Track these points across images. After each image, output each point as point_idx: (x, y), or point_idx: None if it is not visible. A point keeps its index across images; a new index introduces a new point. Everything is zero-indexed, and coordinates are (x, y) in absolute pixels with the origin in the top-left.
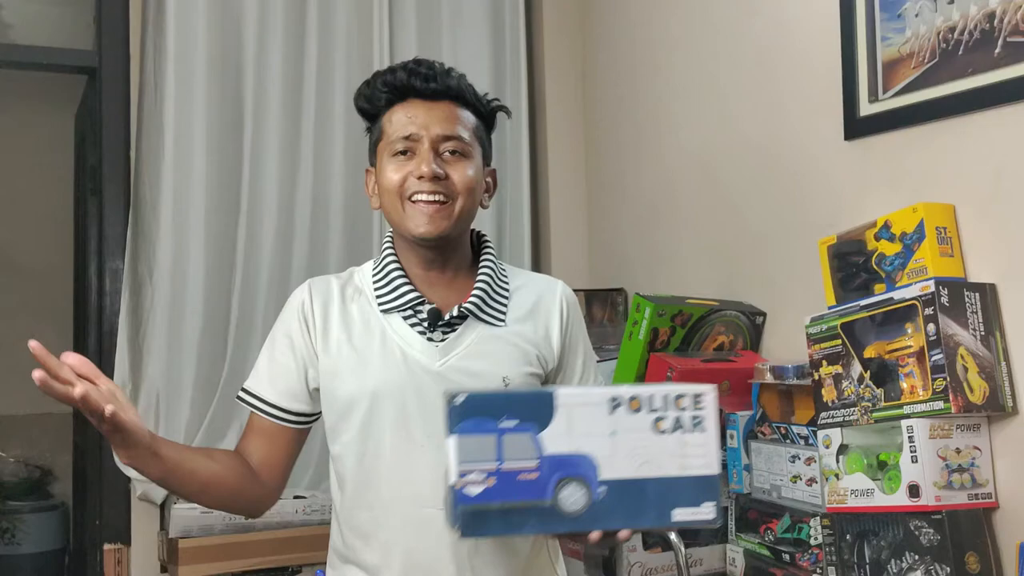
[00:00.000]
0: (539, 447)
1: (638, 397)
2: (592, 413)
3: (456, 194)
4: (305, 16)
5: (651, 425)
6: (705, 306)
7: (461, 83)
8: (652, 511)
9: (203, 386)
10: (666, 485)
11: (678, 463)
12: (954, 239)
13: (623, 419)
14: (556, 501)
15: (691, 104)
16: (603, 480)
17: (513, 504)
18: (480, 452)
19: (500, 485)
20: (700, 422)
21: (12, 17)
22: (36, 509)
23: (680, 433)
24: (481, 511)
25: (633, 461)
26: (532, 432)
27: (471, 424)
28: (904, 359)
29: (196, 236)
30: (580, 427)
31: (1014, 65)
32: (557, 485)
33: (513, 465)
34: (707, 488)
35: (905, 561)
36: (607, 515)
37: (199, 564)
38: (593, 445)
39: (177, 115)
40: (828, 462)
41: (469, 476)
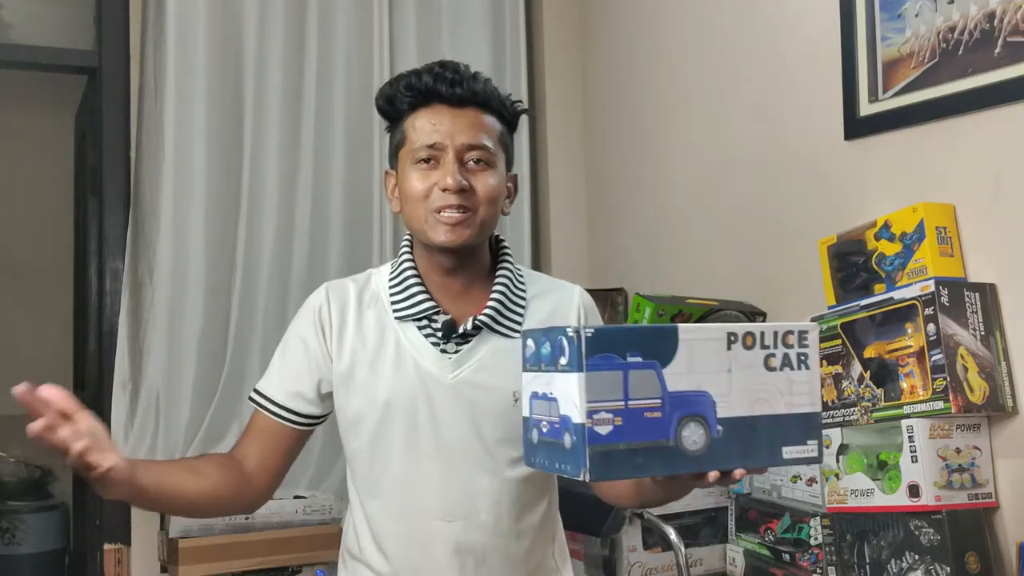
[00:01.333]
0: (663, 384)
1: (752, 333)
2: (711, 349)
3: (479, 205)
4: (305, 16)
5: (763, 362)
6: (705, 306)
7: (487, 88)
8: (764, 449)
9: (203, 386)
10: (776, 423)
11: (786, 400)
12: (954, 239)
13: (739, 356)
14: (679, 440)
15: (691, 104)
16: (721, 418)
17: (639, 444)
18: (608, 389)
19: (627, 424)
20: (805, 359)
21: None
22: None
23: (788, 371)
24: (610, 452)
25: (747, 398)
26: (657, 368)
27: (599, 360)
28: (904, 359)
29: (196, 236)
30: (700, 364)
31: (1014, 65)
32: (679, 424)
33: (639, 403)
34: (812, 426)
35: (905, 561)
36: (724, 454)
37: (199, 564)
38: (711, 382)
39: (177, 115)
40: (828, 462)
41: (599, 415)
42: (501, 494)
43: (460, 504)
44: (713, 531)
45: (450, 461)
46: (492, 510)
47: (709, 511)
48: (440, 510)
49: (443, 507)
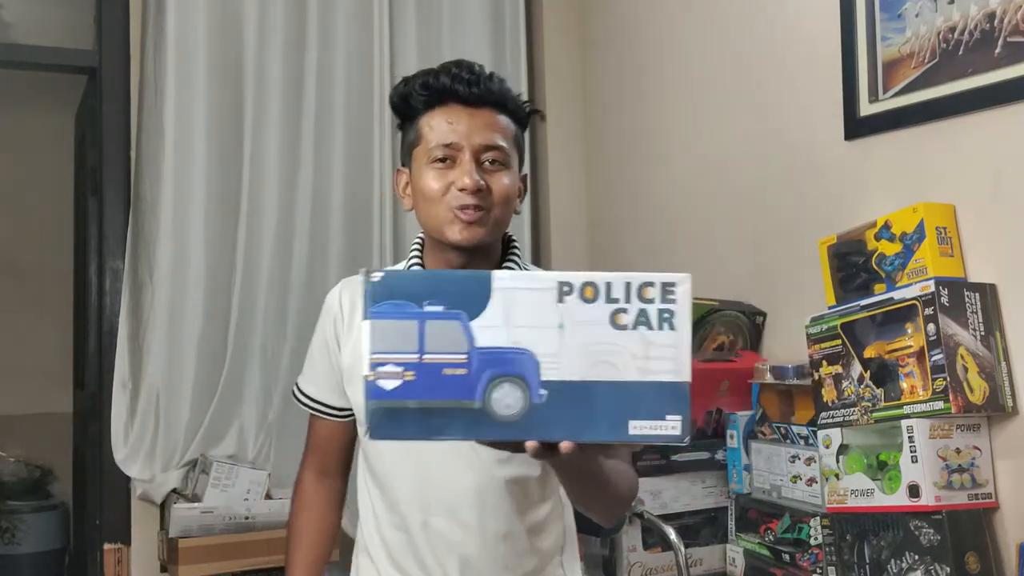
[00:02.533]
0: (470, 338)
1: (594, 283)
2: (536, 300)
3: (494, 204)
4: (305, 16)
5: (608, 318)
6: (705, 306)
7: (503, 89)
8: (604, 421)
9: (203, 386)
10: (623, 391)
11: (639, 366)
12: (954, 239)
13: (574, 309)
14: (487, 403)
15: (691, 104)
16: (545, 381)
17: (435, 403)
18: (398, 340)
19: (421, 380)
20: (670, 317)
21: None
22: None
23: (644, 330)
24: (396, 409)
25: (584, 360)
26: (462, 320)
27: (389, 307)
28: (904, 359)
29: (196, 236)
30: (520, 317)
31: (1014, 65)
32: (489, 384)
33: (437, 358)
34: (673, 398)
35: (905, 561)
36: (548, 423)
37: (199, 564)
38: (535, 339)
39: (177, 115)
40: (828, 462)
41: (384, 368)
42: (486, 493)
43: (442, 500)
44: (713, 531)
45: (437, 456)
46: (475, 508)
47: (709, 511)
48: (420, 502)
49: (425, 501)
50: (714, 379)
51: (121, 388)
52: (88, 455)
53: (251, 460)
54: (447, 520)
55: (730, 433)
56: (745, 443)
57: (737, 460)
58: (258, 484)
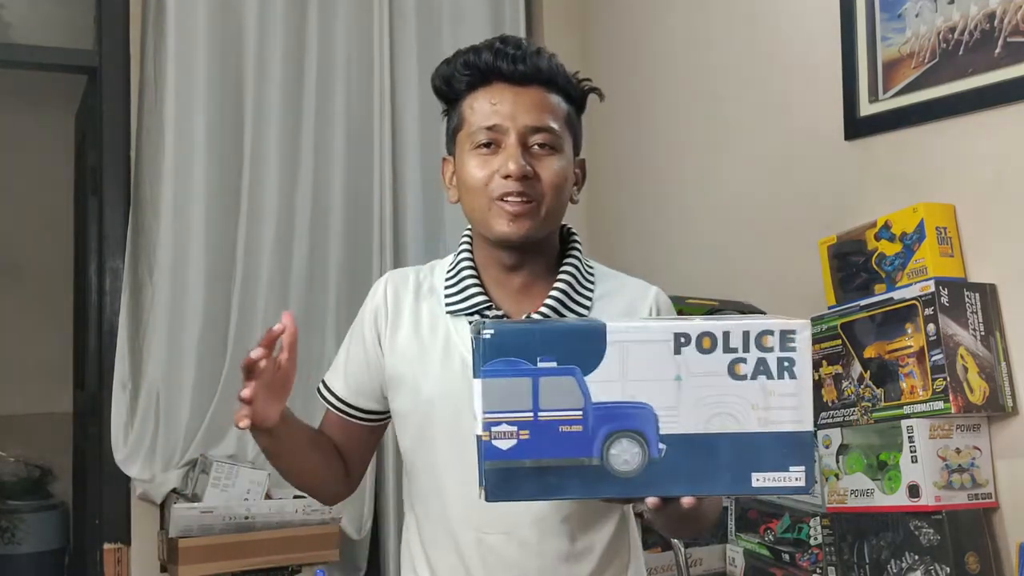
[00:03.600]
0: (585, 393)
1: (711, 334)
2: (652, 353)
3: (543, 194)
4: (305, 16)
5: (727, 368)
6: (705, 306)
7: (552, 65)
8: (726, 474)
9: (203, 386)
10: (744, 443)
11: (759, 416)
12: (954, 239)
13: (691, 361)
14: (605, 459)
15: (691, 104)
16: (664, 435)
17: (552, 462)
18: (512, 398)
19: (536, 438)
20: (790, 366)
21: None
22: (36, 509)
23: (764, 379)
24: (512, 469)
25: (703, 413)
26: (576, 375)
27: (502, 364)
28: (904, 359)
29: (196, 236)
30: (636, 370)
31: (1014, 65)
32: (607, 440)
33: (552, 415)
34: (796, 447)
35: (905, 561)
36: (668, 478)
37: (199, 564)
38: (652, 392)
39: (177, 115)
40: (828, 462)
41: (499, 428)
42: (547, 509)
43: (499, 517)
44: (713, 531)
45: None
46: (535, 526)
47: None
48: (478, 521)
49: (481, 518)
50: None
51: (121, 388)
52: (88, 455)
53: (251, 460)
54: (504, 539)
55: None
56: None
57: None
58: (258, 484)
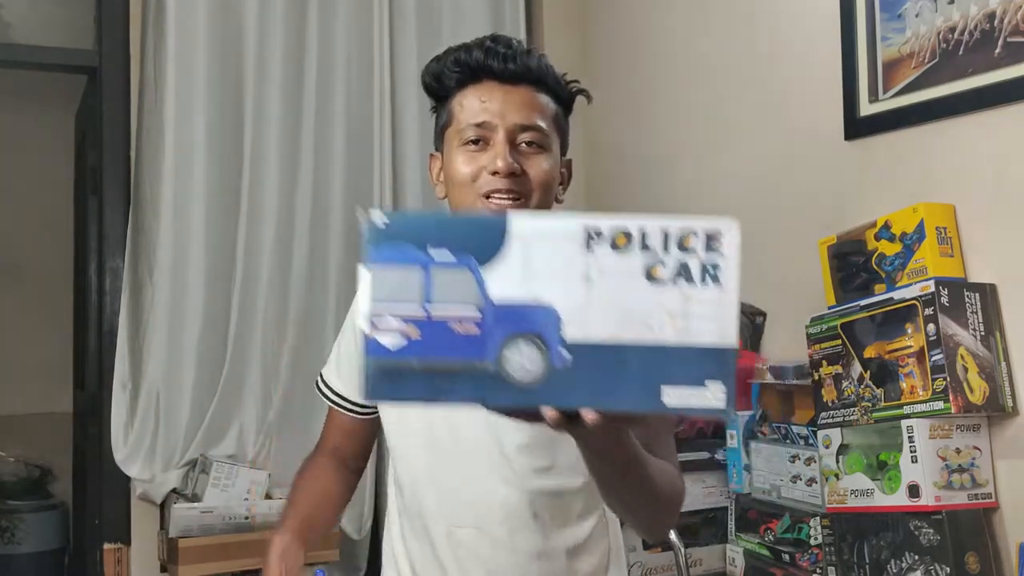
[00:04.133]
0: (482, 290)
1: (627, 231)
2: (560, 249)
3: (531, 191)
4: (305, 16)
5: (643, 271)
6: None
7: (542, 65)
8: (634, 388)
9: (203, 386)
10: (657, 354)
11: (677, 326)
12: (954, 239)
13: (603, 260)
14: (501, 364)
15: (691, 104)
16: (568, 341)
17: (441, 364)
18: (402, 290)
19: (427, 337)
20: (715, 272)
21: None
22: (36, 509)
23: (684, 285)
24: (397, 369)
25: (613, 319)
26: (473, 269)
27: (392, 252)
28: (904, 359)
29: (196, 236)
30: (541, 267)
31: (1014, 65)
32: (504, 343)
33: (445, 312)
34: (716, 363)
35: (905, 561)
36: (570, 389)
37: (199, 564)
38: (558, 293)
39: (177, 115)
40: (828, 462)
41: (385, 321)
42: (519, 506)
43: (471, 512)
44: (713, 531)
45: (466, 464)
46: (505, 522)
47: (709, 511)
48: (449, 514)
49: (452, 511)
50: None
51: (121, 388)
52: (88, 455)
53: (251, 460)
54: (474, 533)
55: (730, 433)
56: (745, 443)
57: (737, 460)
58: (258, 484)
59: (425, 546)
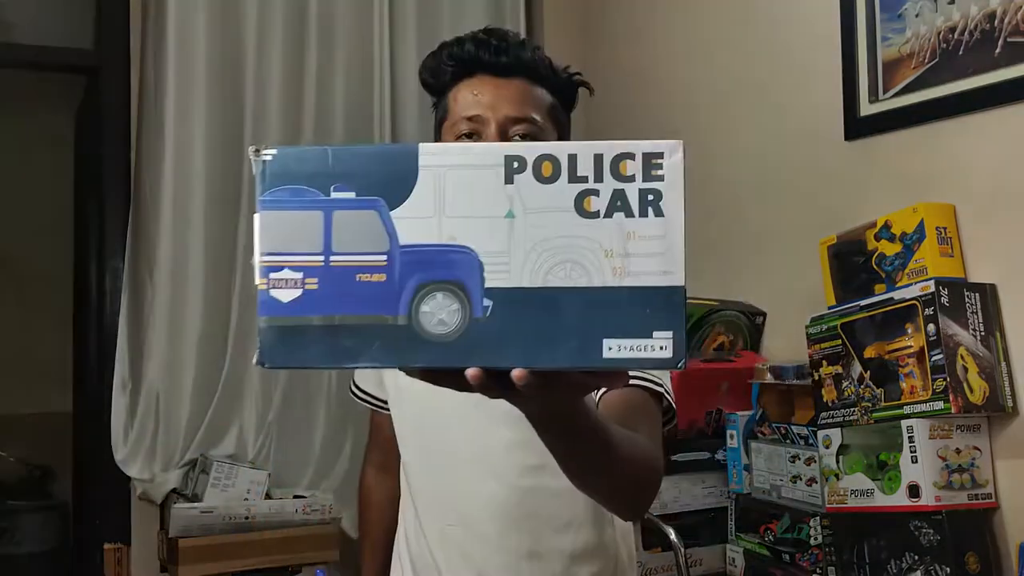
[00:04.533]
0: (391, 232)
1: (553, 157)
2: (477, 181)
3: None
4: (305, 16)
5: (574, 203)
6: (705, 306)
7: (536, 57)
8: (571, 341)
9: (203, 386)
10: (594, 300)
11: (615, 266)
12: (954, 239)
13: (528, 192)
14: (414, 318)
15: (691, 104)
16: (491, 288)
17: (347, 319)
18: (298, 237)
19: (327, 289)
20: (656, 200)
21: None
22: (36, 509)
23: (621, 218)
24: (296, 327)
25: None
26: (380, 209)
27: (287, 194)
28: (904, 359)
29: (196, 236)
30: (457, 204)
31: (1014, 65)
32: (417, 294)
33: (348, 260)
34: (662, 307)
35: (905, 561)
36: (495, 344)
37: (199, 564)
38: (478, 234)
39: (177, 115)
40: (828, 462)
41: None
42: (508, 504)
43: (460, 508)
44: (713, 531)
45: (456, 460)
46: (496, 521)
47: (709, 511)
48: (439, 513)
49: (442, 510)
50: (714, 379)
51: (121, 388)
52: (88, 455)
53: (251, 460)
54: (463, 532)
55: (730, 433)
56: (745, 443)
57: (737, 460)
58: (258, 484)
59: (423, 546)
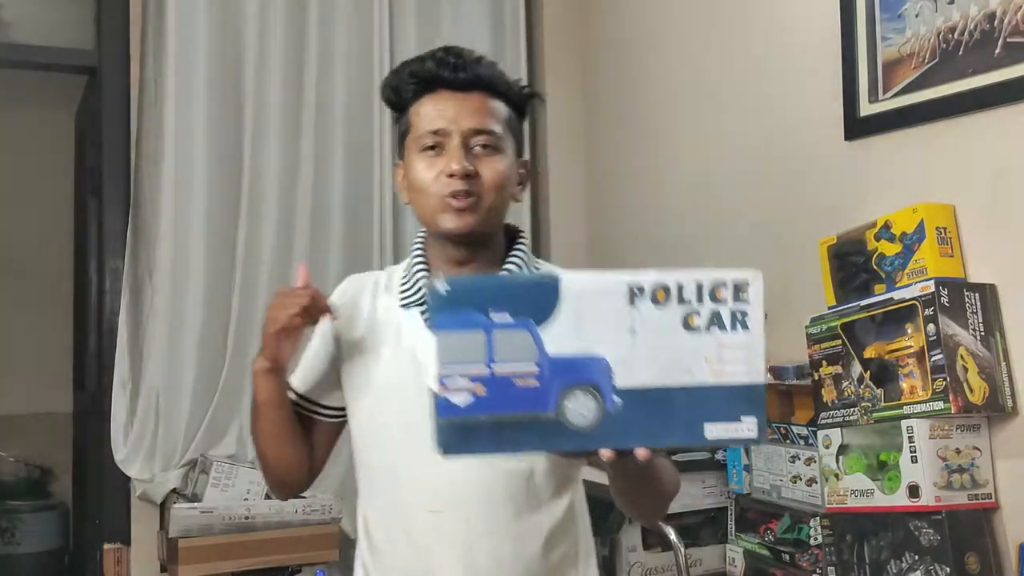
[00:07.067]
0: (540, 347)
1: (665, 286)
2: (607, 305)
3: (485, 191)
4: (305, 15)
5: (681, 321)
6: None
7: (492, 72)
8: (680, 426)
9: (203, 386)
10: (698, 395)
11: (713, 369)
12: (954, 239)
13: (645, 313)
14: (561, 413)
15: (691, 104)
16: (619, 388)
17: (507, 417)
18: (467, 352)
19: (492, 394)
20: (743, 318)
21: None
22: (36, 509)
23: (717, 331)
24: (468, 425)
25: (658, 365)
26: (531, 328)
27: (456, 318)
28: (904, 359)
29: (196, 236)
30: (591, 323)
31: (1014, 65)
32: (562, 394)
33: (507, 369)
34: (748, 399)
35: (905, 561)
36: (623, 431)
37: (199, 564)
38: (607, 345)
39: (177, 115)
40: (828, 462)
41: (454, 382)
42: (494, 487)
43: (447, 494)
44: (713, 531)
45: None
46: (482, 504)
47: (709, 511)
48: (426, 498)
49: (429, 495)
50: None
51: (121, 388)
52: (88, 455)
53: (251, 460)
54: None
55: None
56: None
57: (737, 460)
58: (258, 484)
59: (404, 537)
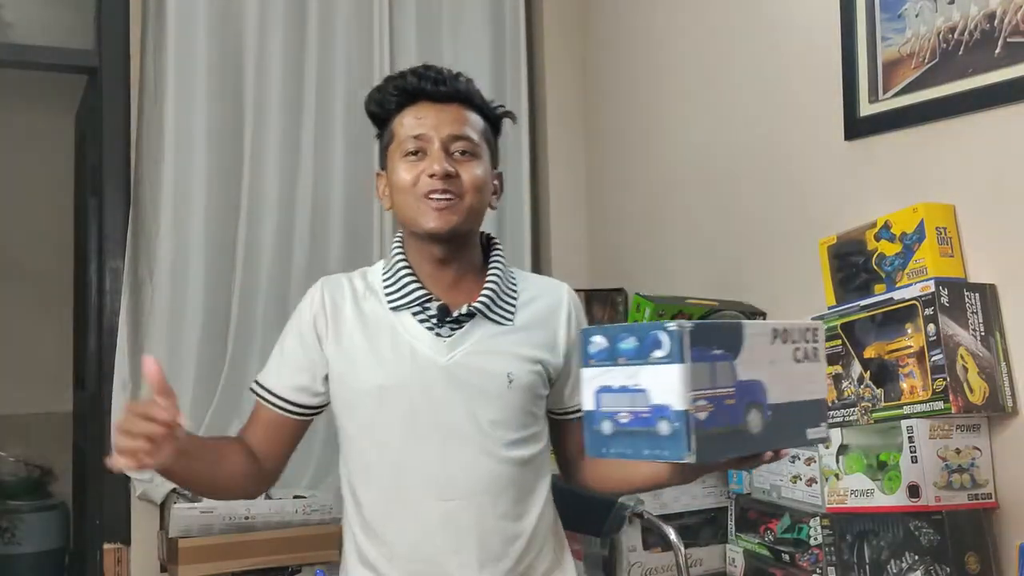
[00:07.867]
0: (735, 374)
1: (788, 330)
2: (764, 343)
3: (465, 191)
4: (305, 16)
5: (792, 355)
6: (705, 306)
7: (470, 87)
8: (796, 432)
9: (203, 386)
10: (802, 408)
11: (807, 388)
12: (954, 239)
13: (779, 349)
14: (746, 424)
15: (691, 105)
16: (770, 404)
17: (722, 429)
18: (703, 379)
19: (715, 410)
20: (816, 352)
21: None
22: (36, 509)
23: (807, 362)
24: (708, 436)
25: (784, 387)
26: (732, 361)
27: (695, 352)
28: (904, 359)
29: (196, 236)
30: (756, 356)
31: (1014, 65)
32: (746, 409)
33: (720, 391)
34: (822, 410)
35: (905, 561)
36: (773, 436)
37: (199, 564)
38: (762, 372)
39: (177, 115)
40: (828, 462)
41: (698, 402)
42: (499, 475)
43: (457, 483)
44: (713, 531)
45: (447, 441)
46: (489, 490)
47: (709, 511)
48: (437, 489)
49: (440, 486)
50: None
51: (121, 388)
52: (88, 455)
53: None
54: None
55: None
56: None
57: None
58: None
59: (409, 523)
